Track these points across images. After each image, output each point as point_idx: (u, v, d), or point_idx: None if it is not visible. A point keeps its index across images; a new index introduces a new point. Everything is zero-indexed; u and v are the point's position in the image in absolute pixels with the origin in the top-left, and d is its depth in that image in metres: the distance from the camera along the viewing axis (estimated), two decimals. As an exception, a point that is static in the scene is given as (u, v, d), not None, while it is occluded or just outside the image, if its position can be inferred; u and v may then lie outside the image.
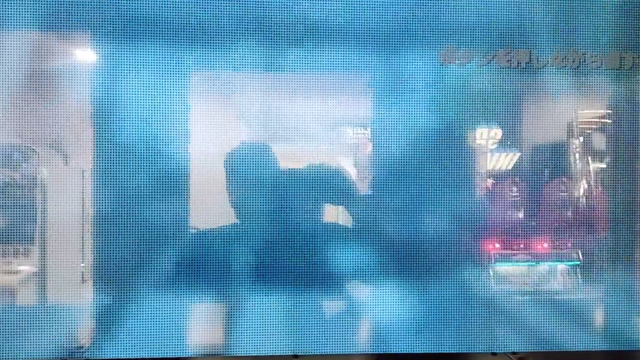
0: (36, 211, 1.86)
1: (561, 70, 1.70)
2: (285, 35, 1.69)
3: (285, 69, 1.71)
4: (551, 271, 2.23)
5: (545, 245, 2.19)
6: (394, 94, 1.71)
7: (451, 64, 1.69)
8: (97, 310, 1.68)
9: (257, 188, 1.74)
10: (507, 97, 1.77)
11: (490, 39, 1.69)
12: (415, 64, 1.69)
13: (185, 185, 1.71)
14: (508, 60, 1.66)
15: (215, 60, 1.69)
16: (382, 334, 1.73)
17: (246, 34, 1.69)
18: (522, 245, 2.22)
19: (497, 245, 2.15)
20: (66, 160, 2.08)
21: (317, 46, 1.70)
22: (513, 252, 2.29)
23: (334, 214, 1.80)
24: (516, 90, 1.75)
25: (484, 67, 1.70)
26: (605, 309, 1.85)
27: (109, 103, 1.65)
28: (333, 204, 1.77)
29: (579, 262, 2.20)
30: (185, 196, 1.71)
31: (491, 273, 1.92)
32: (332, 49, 1.70)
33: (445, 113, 1.73)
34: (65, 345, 1.62)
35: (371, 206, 1.78)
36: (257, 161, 1.77)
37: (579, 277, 2.23)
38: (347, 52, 1.70)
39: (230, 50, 1.68)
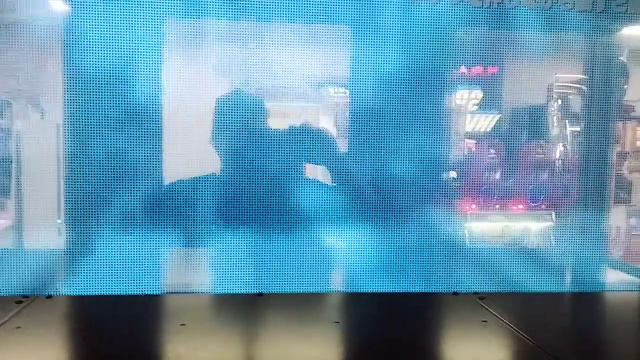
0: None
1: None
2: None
3: (256, 15, 1.68)
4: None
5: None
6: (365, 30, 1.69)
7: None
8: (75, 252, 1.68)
9: (225, 129, 1.74)
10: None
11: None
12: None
13: (158, 133, 1.70)
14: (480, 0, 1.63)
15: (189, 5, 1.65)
16: (347, 274, 1.75)
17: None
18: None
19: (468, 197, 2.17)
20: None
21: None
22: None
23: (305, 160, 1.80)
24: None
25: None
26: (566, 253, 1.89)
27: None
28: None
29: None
30: (157, 144, 1.70)
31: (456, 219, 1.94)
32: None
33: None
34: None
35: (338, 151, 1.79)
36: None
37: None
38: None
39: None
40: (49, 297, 1.57)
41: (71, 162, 1.64)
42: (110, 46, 1.60)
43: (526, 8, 1.65)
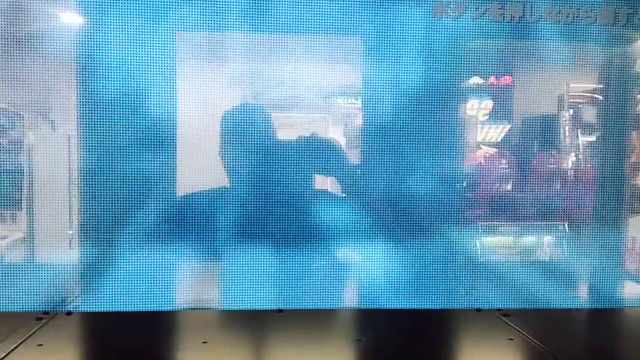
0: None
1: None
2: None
3: (272, 26, 1.68)
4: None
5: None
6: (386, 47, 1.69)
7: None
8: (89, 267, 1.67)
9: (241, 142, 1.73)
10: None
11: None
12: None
13: (172, 148, 1.69)
14: (501, 14, 1.63)
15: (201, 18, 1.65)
16: (368, 291, 1.73)
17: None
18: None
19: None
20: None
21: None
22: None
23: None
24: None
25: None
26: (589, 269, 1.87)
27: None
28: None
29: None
30: (171, 158, 1.69)
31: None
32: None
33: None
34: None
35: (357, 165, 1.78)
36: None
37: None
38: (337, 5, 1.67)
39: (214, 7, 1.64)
40: (69, 313, 1.56)
41: (85, 176, 1.64)
42: (124, 59, 1.60)
43: (548, 23, 1.65)
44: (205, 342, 1.33)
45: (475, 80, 2.01)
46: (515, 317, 1.51)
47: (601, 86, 1.99)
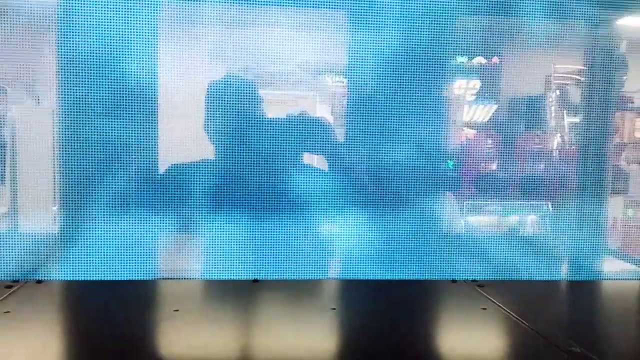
0: None
1: None
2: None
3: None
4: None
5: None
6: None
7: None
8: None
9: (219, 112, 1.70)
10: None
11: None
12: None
13: (153, 118, 1.66)
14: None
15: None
16: (345, 261, 1.72)
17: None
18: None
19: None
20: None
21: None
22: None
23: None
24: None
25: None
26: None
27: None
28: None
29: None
30: (153, 129, 1.66)
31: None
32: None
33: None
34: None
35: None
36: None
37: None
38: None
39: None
40: (39, 281, 1.53)
41: (64, 147, 1.61)
42: (105, 30, 1.56)
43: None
44: (176, 311, 1.31)
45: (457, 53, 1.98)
46: (490, 288, 1.51)
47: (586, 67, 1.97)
